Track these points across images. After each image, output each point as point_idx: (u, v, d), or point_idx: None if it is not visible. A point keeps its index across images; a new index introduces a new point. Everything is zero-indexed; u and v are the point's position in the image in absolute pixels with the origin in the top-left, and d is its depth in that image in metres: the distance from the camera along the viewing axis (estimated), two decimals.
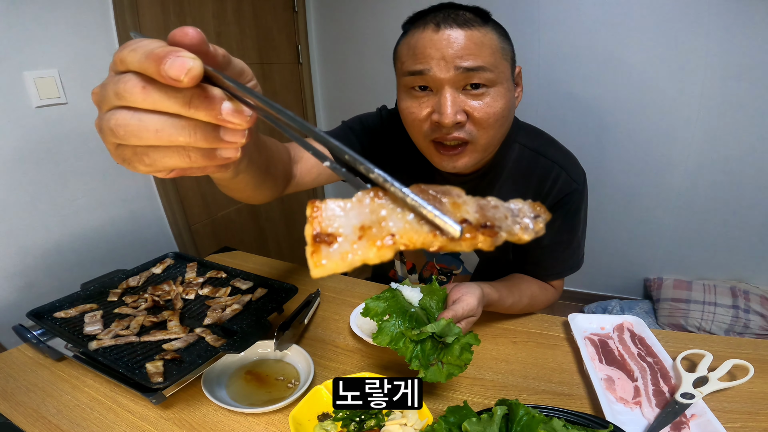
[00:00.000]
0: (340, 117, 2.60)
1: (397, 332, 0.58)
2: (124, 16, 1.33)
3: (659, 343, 0.69)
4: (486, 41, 0.61)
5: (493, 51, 0.61)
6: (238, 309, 0.76)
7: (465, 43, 0.59)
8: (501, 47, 0.63)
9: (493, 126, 0.64)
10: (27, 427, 0.58)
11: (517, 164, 0.78)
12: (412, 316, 0.61)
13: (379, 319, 0.59)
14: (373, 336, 0.58)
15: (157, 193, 1.55)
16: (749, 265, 1.84)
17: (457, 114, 0.61)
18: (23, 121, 1.14)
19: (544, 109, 1.89)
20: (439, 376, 0.55)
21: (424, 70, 0.61)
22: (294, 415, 0.54)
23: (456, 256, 0.93)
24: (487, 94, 0.62)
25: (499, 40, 0.63)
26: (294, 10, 2.10)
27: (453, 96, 0.61)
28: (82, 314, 0.74)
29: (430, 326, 0.56)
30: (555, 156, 0.77)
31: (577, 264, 0.84)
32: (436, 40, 0.60)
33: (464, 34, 0.60)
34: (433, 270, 0.97)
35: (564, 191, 0.76)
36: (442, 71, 0.60)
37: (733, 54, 1.57)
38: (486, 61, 0.60)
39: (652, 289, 1.97)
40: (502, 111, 0.63)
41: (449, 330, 0.57)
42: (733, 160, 1.71)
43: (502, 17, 0.69)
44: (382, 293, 0.63)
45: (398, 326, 0.59)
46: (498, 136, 0.67)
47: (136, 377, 0.58)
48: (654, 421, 0.55)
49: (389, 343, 0.57)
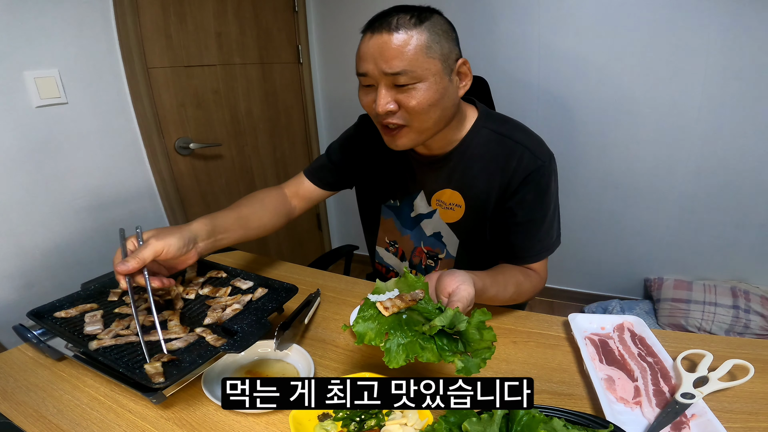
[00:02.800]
0: (340, 117, 2.62)
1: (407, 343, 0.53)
2: (124, 16, 1.33)
3: (659, 343, 0.69)
4: (410, 42, 0.69)
5: (416, 52, 0.69)
6: (239, 309, 0.76)
7: (389, 48, 0.69)
8: (426, 46, 0.70)
9: (423, 112, 0.74)
10: (27, 426, 0.58)
11: (485, 147, 0.85)
12: (409, 321, 0.57)
13: (378, 343, 0.53)
14: (386, 361, 0.52)
15: (158, 193, 1.55)
16: (749, 265, 1.84)
17: (387, 105, 0.73)
18: (23, 121, 1.14)
19: (544, 111, 1.89)
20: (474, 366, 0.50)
21: (363, 72, 0.74)
22: (294, 415, 0.54)
23: (439, 238, 0.95)
24: (413, 88, 0.72)
25: (429, 40, 0.70)
26: (294, 10, 2.10)
27: (385, 91, 0.73)
28: (83, 314, 0.74)
29: (437, 319, 0.53)
30: (520, 137, 0.84)
31: (554, 244, 0.89)
32: (370, 46, 0.71)
33: (390, 39, 0.69)
34: (422, 255, 0.99)
35: (529, 168, 0.81)
36: (374, 74, 0.72)
37: (733, 54, 1.57)
38: (407, 64, 0.69)
39: (652, 289, 1.97)
40: (429, 100, 0.73)
41: (458, 318, 0.53)
42: (734, 160, 1.71)
43: (503, 17, 0.69)
44: (362, 313, 0.56)
45: (402, 338, 0.53)
46: (431, 120, 0.76)
47: (137, 377, 0.58)
48: (654, 421, 0.55)
49: (406, 360, 0.51)
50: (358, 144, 1.01)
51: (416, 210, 0.95)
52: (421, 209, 0.94)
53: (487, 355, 0.51)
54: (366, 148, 0.99)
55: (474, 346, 0.52)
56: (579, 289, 2.20)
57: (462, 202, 0.88)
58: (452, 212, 0.90)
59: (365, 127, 0.99)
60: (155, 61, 1.48)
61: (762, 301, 1.73)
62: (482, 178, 0.85)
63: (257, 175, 2.05)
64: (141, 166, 1.48)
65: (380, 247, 1.08)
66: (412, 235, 0.99)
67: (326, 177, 1.03)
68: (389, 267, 1.08)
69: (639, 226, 1.97)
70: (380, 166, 0.98)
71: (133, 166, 1.46)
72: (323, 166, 1.03)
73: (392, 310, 0.55)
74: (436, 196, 0.91)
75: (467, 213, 0.89)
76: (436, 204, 0.92)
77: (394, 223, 1.01)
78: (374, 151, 0.97)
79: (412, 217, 0.97)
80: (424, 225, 0.96)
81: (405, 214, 0.98)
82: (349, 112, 2.39)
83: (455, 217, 0.90)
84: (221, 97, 1.78)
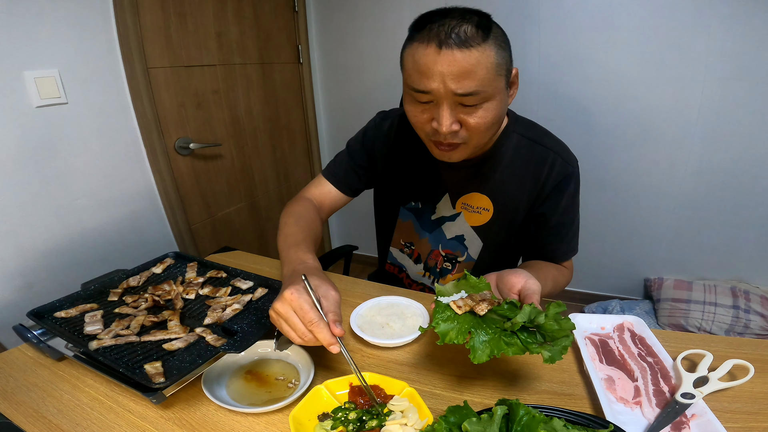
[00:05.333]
0: (340, 117, 2.62)
1: (489, 339, 0.56)
2: (124, 15, 1.33)
3: (659, 343, 0.69)
4: (483, 61, 0.64)
5: (488, 70, 0.65)
6: (239, 309, 0.76)
7: (461, 67, 0.64)
8: (497, 64, 0.66)
9: (485, 131, 0.72)
10: (27, 426, 0.58)
11: (516, 152, 0.86)
12: (486, 319, 0.59)
13: (461, 341, 0.55)
14: (471, 357, 0.54)
15: (158, 193, 1.55)
16: (749, 265, 1.84)
17: (452, 125, 0.69)
18: (23, 121, 1.14)
19: (545, 111, 1.89)
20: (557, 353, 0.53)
21: (426, 90, 0.67)
22: (294, 415, 0.54)
23: (461, 241, 0.94)
24: (480, 108, 0.68)
25: (496, 56, 0.66)
26: (294, 10, 2.10)
27: (449, 110, 0.68)
28: (83, 314, 0.74)
29: (519, 316, 0.55)
30: (550, 144, 0.85)
31: (577, 246, 0.93)
32: (439, 61, 0.64)
33: (462, 57, 0.63)
34: (438, 258, 0.98)
35: (562, 174, 0.83)
36: (440, 92, 0.66)
37: (733, 54, 1.57)
38: (480, 84, 0.65)
39: (652, 289, 1.97)
40: (493, 119, 0.71)
41: (535, 312, 0.56)
42: (734, 161, 1.71)
43: (503, 17, 0.70)
44: (439, 314, 0.58)
45: (484, 335, 0.56)
46: (489, 136, 0.76)
47: (137, 377, 0.58)
48: (654, 421, 0.55)
49: (490, 355, 0.54)
50: (380, 144, 0.96)
51: (438, 213, 0.94)
52: (444, 212, 0.94)
53: (566, 342, 0.54)
54: (388, 148, 0.95)
55: (553, 335, 0.55)
56: (579, 289, 2.20)
57: (490, 206, 0.88)
58: (479, 215, 0.90)
59: (387, 126, 0.95)
60: (155, 61, 1.48)
61: (762, 301, 1.73)
62: (513, 183, 0.86)
63: (257, 175, 2.05)
64: (141, 166, 1.48)
65: (394, 248, 1.07)
66: (431, 238, 0.98)
67: (353, 183, 0.99)
68: (402, 267, 1.07)
69: (639, 226, 1.97)
70: (403, 168, 0.95)
71: (133, 166, 1.46)
72: (348, 171, 0.98)
73: (464, 309, 0.58)
74: (462, 199, 0.91)
75: (495, 216, 0.89)
76: (462, 207, 0.91)
77: (413, 225, 1.00)
78: (397, 153, 0.95)
79: (432, 220, 0.96)
80: (445, 228, 0.95)
81: (426, 217, 0.97)
82: (349, 112, 2.41)
83: (482, 221, 0.90)
84: (221, 97, 1.78)
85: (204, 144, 1.68)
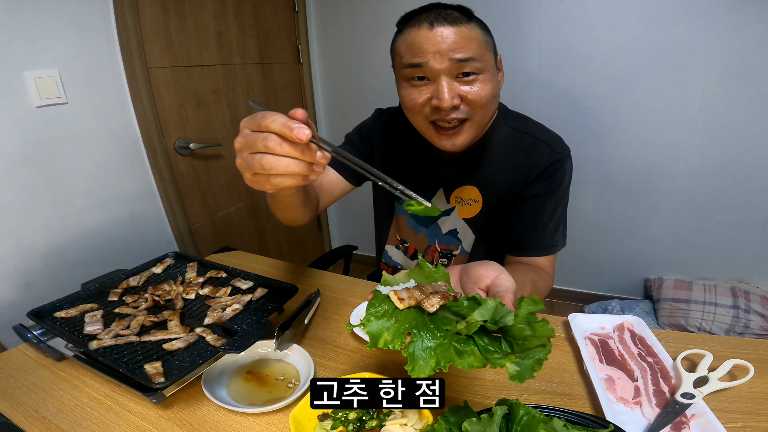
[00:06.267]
0: (340, 117, 2.62)
1: (436, 346, 0.42)
2: (124, 16, 1.33)
3: (659, 343, 0.69)
4: (473, 35, 0.70)
5: (479, 44, 0.71)
6: (239, 309, 0.76)
7: (456, 38, 0.69)
8: (485, 40, 0.73)
9: (485, 105, 0.74)
10: (27, 426, 0.58)
11: (506, 143, 0.87)
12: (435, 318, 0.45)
13: (398, 347, 0.42)
14: (408, 370, 0.41)
15: (158, 193, 1.55)
16: (749, 265, 1.84)
17: (453, 98, 0.71)
18: (23, 121, 1.14)
19: (544, 110, 1.89)
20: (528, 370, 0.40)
21: (422, 62, 0.70)
22: (294, 414, 0.54)
23: (455, 235, 0.95)
24: (477, 80, 0.72)
25: (483, 34, 0.72)
26: (294, 10, 2.10)
27: (449, 83, 0.71)
28: (83, 314, 0.74)
29: (477, 313, 0.41)
30: (540, 134, 0.86)
31: (559, 244, 0.89)
32: (431, 36, 0.69)
33: (454, 31, 0.69)
34: (434, 253, 0.99)
35: (547, 161, 0.83)
36: (437, 63, 0.70)
37: (733, 54, 1.57)
38: (474, 52, 0.70)
39: (652, 289, 1.97)
40: (490, 92, 0.73)
41: (502, 311, 0.42)
42: (734, 161, 1.71)
43: (503, 16, 0.70)
44: (373, 308, 0.45)
45: (429, 339, 0.42)
46: (489, 114, 0.78)
47: (137, 377, 0.58)
48: (654, 421, 0.55)
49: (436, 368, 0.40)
50: (377, 139, 0.99)
51: None
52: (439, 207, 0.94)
53: (542, 354, 0.40)
54: (385, 144, 0.98)
55: (525, 345, 0.41)
56: (579, 289, 2.20)
57: (480, 198, 0.89)
58: (470, 208, 0.91)
59: (384, 123, 0.99)
60: (155, 61, 1.48)
61: (762, 301, 1.73)
62: (501, 173, 0.86)
63: None
64: (141, 166, 1.48)
65: (390, 246, 1.08)
66: (427, 233, 0.99)
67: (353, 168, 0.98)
68: (396, 266, 1.08)
69: (639, 226, 1.97)
70: (398, 164, 0.97)
71: (133, 166, 1.45)
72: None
73: (409, 303, 0.44)
74: (455, 193, 0.91)
75: (485, 207, 0.89)
76: (455, 201, 0.92)
77: (407, 221, 1.01)
78: (392, 149, 0.97)
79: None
80: (441, 222, 0.96)
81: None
82: (349, 112, 2.41)
83: (472, 213, 0.91)
84: (221, 97, 1.78)
85: (204, 144, 1.68)
